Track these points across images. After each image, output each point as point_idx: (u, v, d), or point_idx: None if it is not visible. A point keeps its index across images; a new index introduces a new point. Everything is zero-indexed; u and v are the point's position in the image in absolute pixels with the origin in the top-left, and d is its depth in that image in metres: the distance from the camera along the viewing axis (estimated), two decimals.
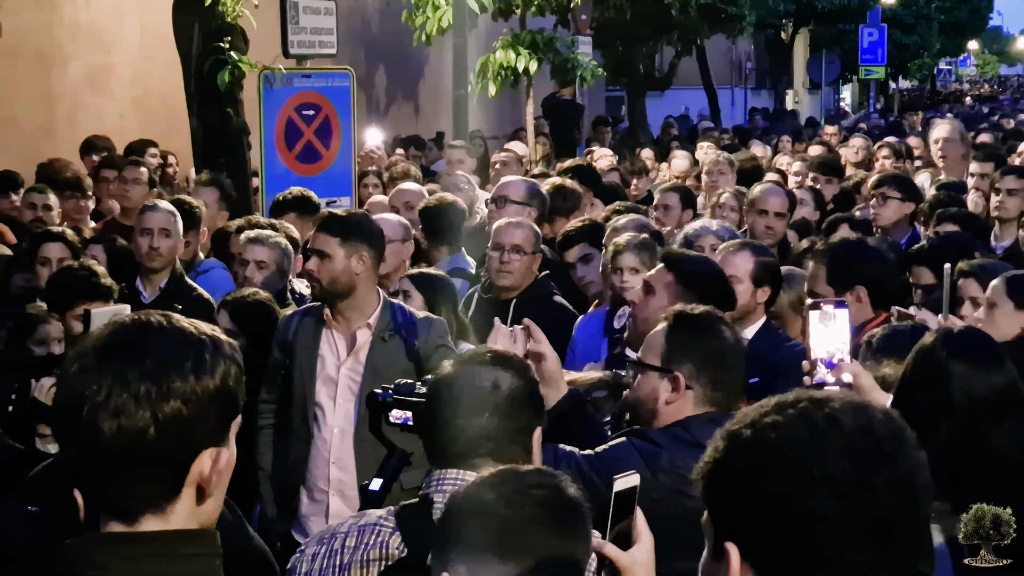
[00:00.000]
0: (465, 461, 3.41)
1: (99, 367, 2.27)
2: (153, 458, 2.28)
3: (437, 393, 3.53)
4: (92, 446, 2.25)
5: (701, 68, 33.37)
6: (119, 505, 2.31)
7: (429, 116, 22.49)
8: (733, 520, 2.15)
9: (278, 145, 10.66)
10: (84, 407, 2.24)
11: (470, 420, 3.44)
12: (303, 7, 11.17)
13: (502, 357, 3.63)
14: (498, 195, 8.48)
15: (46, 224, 9.10)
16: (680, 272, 5.30)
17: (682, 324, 4.34)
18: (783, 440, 2.12)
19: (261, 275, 7.15)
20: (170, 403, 2.27)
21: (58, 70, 14.29)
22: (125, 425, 2.25)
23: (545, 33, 18.15)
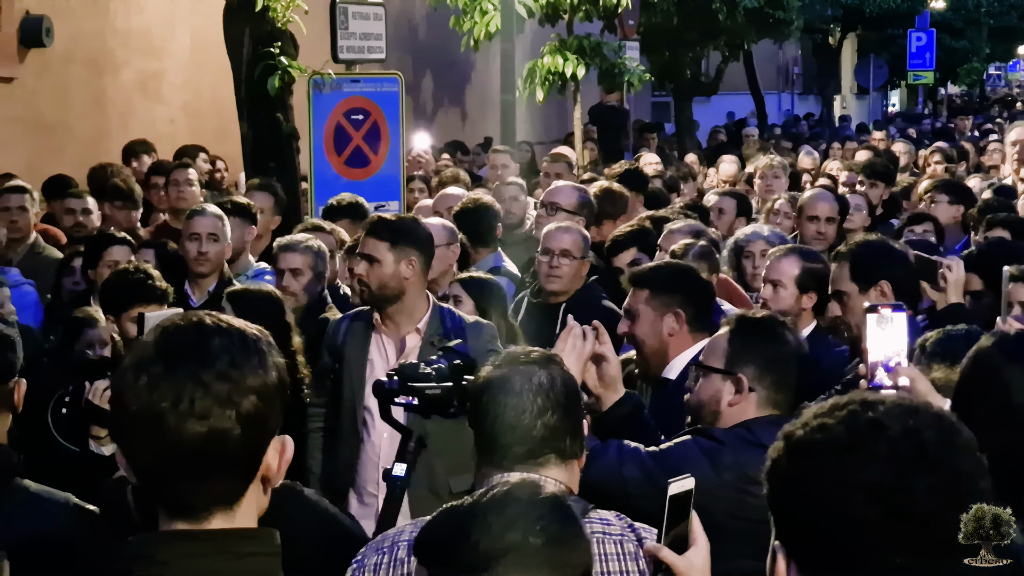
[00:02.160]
0: (533, 461, 3.43)
1: (172, 373, 2.28)
2: (235, 456, 2.32)
3: (494, 394, 3.51)
4: (175, 450, 2.27)
5: (748, 73, 33.21)
6: (191, 504, 2.33)
7: (476, 121, 22.51)
8: (783, 520, 2.16)
9: (327, 150, 10.71)
10: (165, 414, 2.26)
11: (537, 419, 3.45)
12: (352, 13, 11.22)
13: (546, 355, 3.65)
14: (548, 201, 8.48)
15: (87, 229, 9.17)
16: (652, 284, 5.39)
17: (745, 328, 4.40)
18: (827, 443, 2.12)
19: (299, 282, 7.14)
20: (248, 400, 2.30)
21: (110, 76, 14.39)
22: (213, 427, 2.28)
23: (592, 38, 18.14)
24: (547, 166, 12.00)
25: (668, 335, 5.29)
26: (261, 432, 2.35)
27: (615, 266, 7.58)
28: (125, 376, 2.32)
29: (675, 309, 5.29)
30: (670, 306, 5.30)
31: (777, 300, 6.18)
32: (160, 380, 2.28)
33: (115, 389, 2.33)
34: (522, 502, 2.64)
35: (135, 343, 2.43)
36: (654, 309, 5.32)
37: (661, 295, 5.34)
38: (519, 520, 2.59)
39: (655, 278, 5.46)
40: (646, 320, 5.33)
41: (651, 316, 5.32)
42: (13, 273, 8.15)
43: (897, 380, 3.90)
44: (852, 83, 49.79)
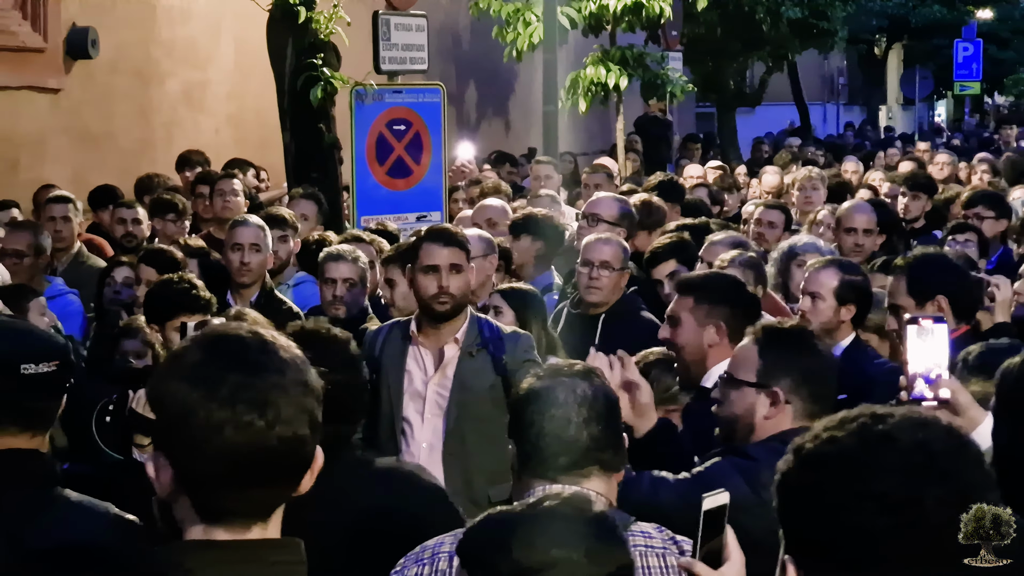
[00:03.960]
0: (576, 472, 3.43)
1: (252, 382, 2.30)
2: (303, 462, 2.37)
3: (538, 405, 3.52)
4: (250, 457, 2.29)
5: (792, 84, 33.14)
6: (238, 512, 2.35)
7: (519, 132, 22.51)
8: (793, 533, 2.17)
9: (369, 160, 10.75)
10: (253, 422, 2.28)
11: (580, 430, 3.46)
12: (395, 24, 11.27)
13: (588, 367, 3.66)
14: (589, 212, 8.48)
15: (137, 238, 9.26)
16: (698, 293, 5.36)
17: (776, 339, 4.34)
18: (837, 454, 2.13)
19: (351, 293, 7.16)
20: (314, 405, 2.36)
21: (155, 86, 14.49)
22: (296, 433, 2.32)
23: (635, 49, 18.12)
24: (587, 177, 12.00)
25: (708, 345, 5.27)
26: (316, 437, 2.39)
27: (654, 278, 7.58)
28: (190, 387, 2.31)
29: (718, 321, 5.26)
30: (714, 317, 5.27)
31: (815, 312, 6.15)
32: (241, 390, 2.30)
33: (177, 400, 2.32)
34: (568, 519, 2.65)
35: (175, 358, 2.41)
36: (697, 318, 5.30)
37: (706, 304, 5.31)
38: (563, 537, 2.60)
39: (702, 287, 5.43)
40: (688, 328, 5.30)
41: (693, 324, 5.29)
42: (57, 283, 8.23)
43: (938, 392, 3.87)
44: (898, 94, 49.49)
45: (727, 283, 5.58)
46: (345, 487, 3.76)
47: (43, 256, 8.26)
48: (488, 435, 5.84)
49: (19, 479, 3.45)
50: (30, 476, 3.48)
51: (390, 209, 10.74)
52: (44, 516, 3.44)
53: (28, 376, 3.42)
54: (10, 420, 3.45)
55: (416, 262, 6.04)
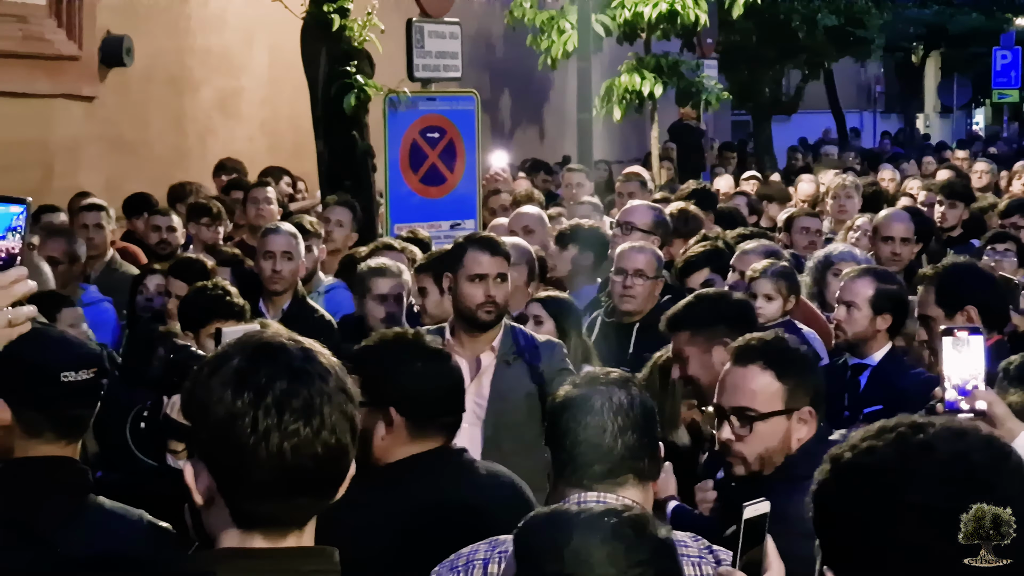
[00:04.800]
0: (612, 480, 3.42)
1: (296, 390, 2.30)
2: (344, 469, 2.37)
3: (574, 413, 3.52)
4: (295, 465, 2.29)
5: (829, 92, 33.04)
6: (279, 520, 2.35)
7: (554, 140, 22.52)
8: (831, 544, 2.14)
9: (403, 168, 10.75)
10: (293, 431, 2.28)
11: (616, 438, 3.45)
12: (428, 31, 11.27)
13: (624, 376, 3.65)
14: (623, 220, 8.45)
15: (171, 245, 9.28)
16: (693, 322, 5.34)
17: (789, 359, 4.22)
18: (876, 465, 2.11)
19: (394, 308, 7.10)
20: (355, 412, 2.37)
21: (189, 94, 14.54)
22: (340, 441, 2.32)
23: (670, 57, 18.11)
24: (620, 185, 11.98)
25: (719, 365, 5.22)
26: (355, 449, 2.39)
27: (688, 286, 7.54)
28: (235, 393, 2.30)
29: (721, 340, 5.21)
30: (715, 338, 5.21)
31: (851, 322, 6.11)
32: (287, 397, 2.29)
33: (221, 406, 2.31)
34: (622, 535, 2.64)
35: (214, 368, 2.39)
36: (699, 347, 5.27)
37: (703, 331, 5.29)
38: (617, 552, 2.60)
39: (690, 317, 5.41)
40: (695, 360, 5.27)
41: (698, 354, 5.26)
42: (92, 290, 8.25)
43: (974, 404, 3.83)
44: (935, 102, 49.39)
45: (711, 302, 5.56)
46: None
47: (78, 264, 8.28)
48: (525, 443, 5.83)
49: (54, 486, 3.48)
50: (64, 483, 3.51)
51: (424, 217, 10.73)
52: (78, 523, 3.46)
53: (67, 384, 3.45)
54: (48, 427, 3.47)
55: (460, 270, 6.00)
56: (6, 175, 11.53)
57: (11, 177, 11.62)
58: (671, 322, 5.49)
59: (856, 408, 5.85)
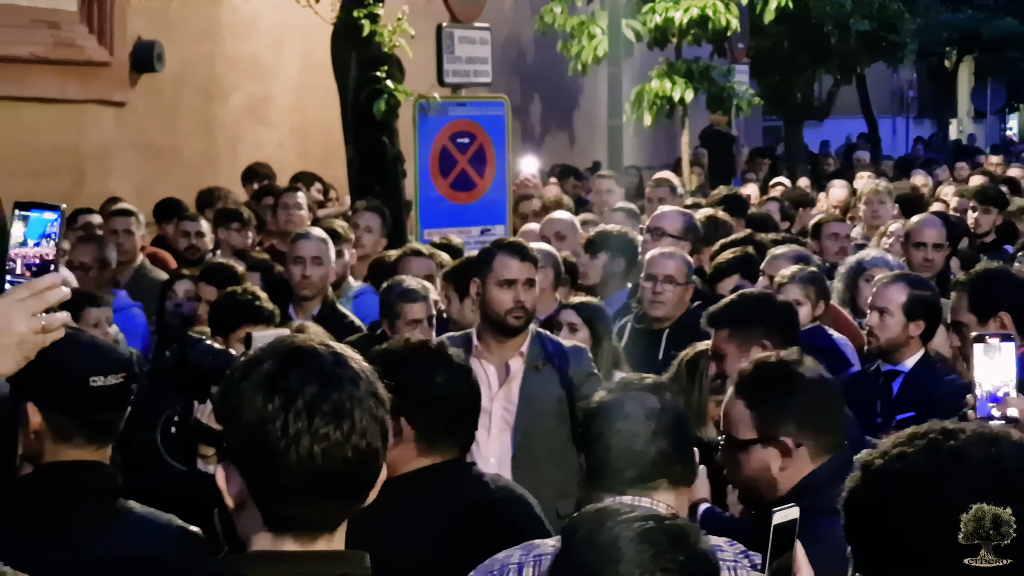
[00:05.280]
0: (644, 485, 3.41)
1: (327, 394, 2.31)
2: (378, 472, 2.38)
3: (607, 418, 3.52)
4: (326, 469, 2.30)
5: (861, 97, 32.90)
6: (311, 523, 2.36)
7: (584, 145, 22.51)
8: (862, 551, 2.13)
9: (432, 173, 10.76)
10: (324, 434, 2.29)
11: (649, 444, 3.45)
12: (459, 37, 11.29)
13: (658, 381, 3.64)
14: (653, 226, 8.44)
15: (200, 251, 9.30)
16: (733, 321, 5.31)
17: (760, 386, 3.95)
18: (907, 471, 2.10)
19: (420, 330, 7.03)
20: (385, 416, 2.37)
21: (219, 100, 14.58)
22: (370, 445, 2.33)
23: (701, 62, 18.09)
24: (650, 191, 11.97)
25: None
26: (386, 453, 2.40)
27: (718, 293, 7.52)
28: (266, 398, 2.31)
29: (760, 340, 5.20)
30: (754, 339, 5.22)
31: (883, 328, 6.08)
32: (318, 401, 2.30)
33: (252, 410, 2.32)
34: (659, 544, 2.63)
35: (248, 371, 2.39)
36: (738, 345, 5.24)
37: (742, 330, 5.27)
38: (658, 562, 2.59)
39: (731, 315, 5.39)
40: (732, 358, 5.21)
41: (736, 353, 5.22)
42: (121, 296, 8.27)
43: (1005, 411, 3.81)
44: (969, 107, 49.16)
45: (753, 302, 5.55)
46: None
47: (108, 269, 8.31)
48: (554, 449, 5.83)
49: (83, 490, 3.49)
50: (94, 488, 3.52)
51: (454, 222, 10.74)
52: (108, 527, 3.48)
53: (97, 388, 3.46)
54: (78, 432, 3.49)
55: (489, 275, 5.98)
56: (38, 181, 11.59)
57: (43, 183, 11.68)
58: (712, 318, 5.48)
59: (888, 415, 5.83)
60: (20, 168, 10.91)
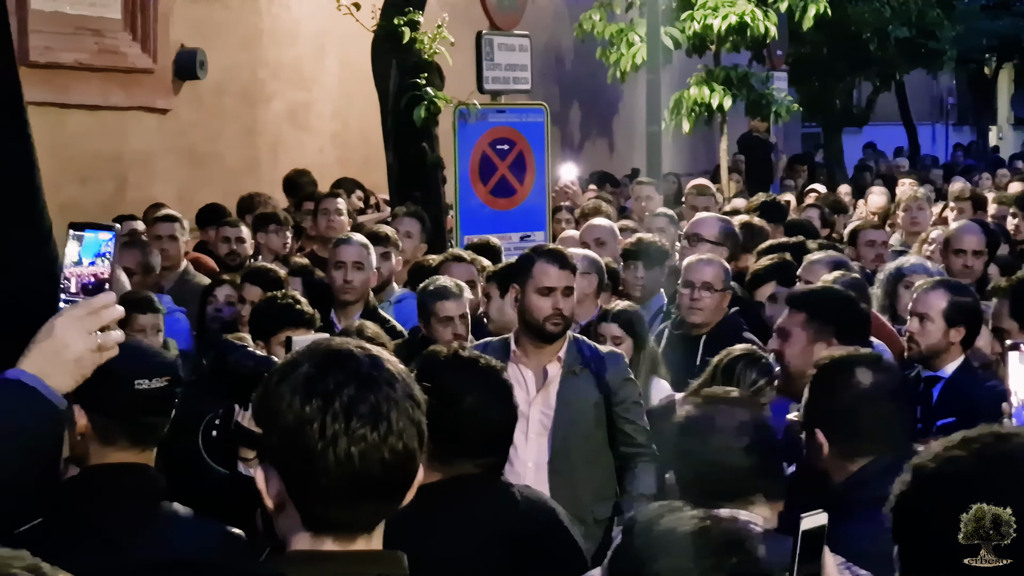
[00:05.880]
0: (741, 499, 3.40)
1: (365, 395, 2.34)
2: (414, 473, 2.40)
3: (698, 432, 3.52)
4: (363, 470, 2.32)
5: (900, 104, 32.76)
6: (349, 524, 2.38)
7: (623, 152, 22.50)
8: (910, 552, 2.14)
9: (472, 179, 10.78)
10: (361, 436, 2.31)
11: (743, 458, 3.44)
12: (498, 44, 11.31)
13: (746, 395, 3.64)
14: (691, 232, 8.45)
15: (241, 256, 9.34)
16: (810, 309, 5.27)
17: (818, 376, 4.11)
18: (957, 475, 2.10)
19: (465, 327, 7.04)
20: (422, 418, 2.39)
21: (261, 107, 14.66)
22: (407, 447, 2.35)
23: (740, 69, 18.05)
24: (691, 199, 11.95)
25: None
26: (423, 454, 2.42)
27: (756, 299, 7.53)
28: (304, 400, 2.33)
29: (829, 338, 5.18)
30: (825, 334, 5.19)
31: (924, 334, 6.07)
32: (355, 403, 2.32)
33: (291, 413, 2.34)
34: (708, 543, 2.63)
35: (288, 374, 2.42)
36: (808, 334, 5.21)
37: (817, 321, 5.23)
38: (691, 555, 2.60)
39: (814, 302, 5.36)
40: (798, 343, 5.21)
41: (803, 340, 5.20)
42: (165, 301, 8.32)
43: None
44: (1008, 114, 48.83)
45: (840, 299, 5.51)
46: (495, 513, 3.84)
47: (151, 274, 8.37)
48: (591, 453, 5.86)
49: (128, 493, 3.52)
50: (139, 490, 3.55)
51: (493, 228, 10.75)
52: (151, 529, 3.49)
53: (141, 391, 3.48)
54: (122, 435, 3.51)
55: (528, 282, 6.02)
56: (82, 187, 11.70)
57: (87, 189, 11.80)
58: (793, 298, 5.46)
59: (929, 421, 5.80)
60: (65, 175, 11.00)
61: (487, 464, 3.94)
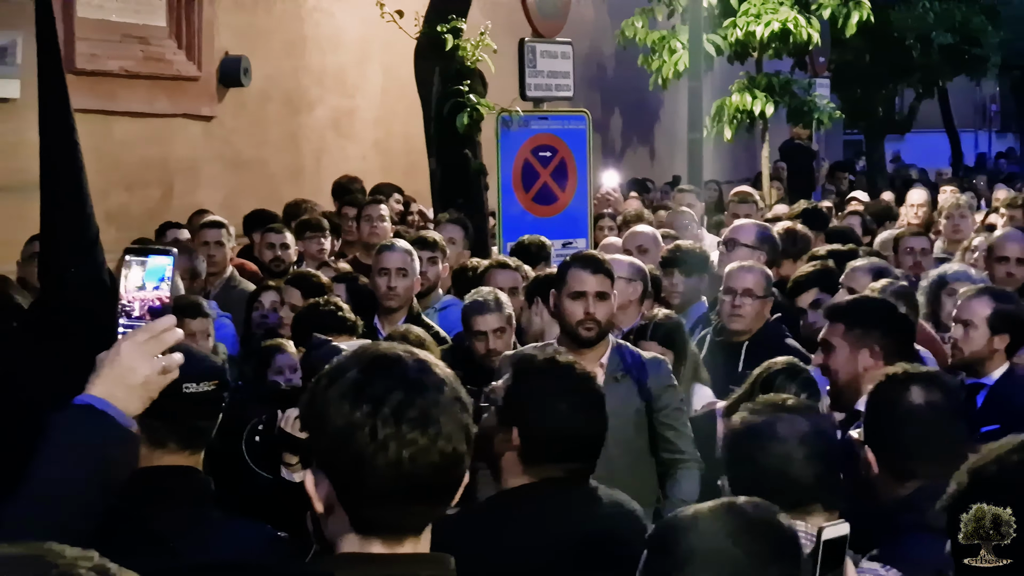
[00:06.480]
0: (801, 509, 3.35)
1: (414, 400, 2.36)
2: (459, 478, 2.42)
3: (758, 441, 3.49)
4: (413, 473, 2.34)
5: (943, 111, 32.61)
6: (397, 527, 2.40)
7: (664, 159, 22.49)
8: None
9: (515, 186, 10.81)
10: (411, 440, 2.34)
11: (804, 468, 3.41)
12: (540, 51, 11.35)
13: (805, 403, 3.65)
14: (729, 238, 8.45)
15: (285, 263, 9.37)
16: (849, 318, 5.28)
17: (873, 393, 4.08)
18: (1013, 478, 2.11)
19: (503, 340, 7.07)
20: (470, 421, 2.42)
21: (304, 114, 14.73)
22: (456, 450, 2.38)
23: (782, 76, 18.01)
24: (733, 206, 11.94)
25: (863, 369, 5.17)
26: (471, 457, 2.44)
27: (797, 306, 7.52)
28: (353, 405, 2.36)
29: (872, 345, 5.19)
30: (866, 341, 5.19)
31: (968, 341, 6.06)
32: (404, 407, 2.35)
33: (340, 418, 2.36)
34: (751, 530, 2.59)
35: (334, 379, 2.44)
36: (850, 343, 5.21)
37: (857, 329, 5.23)
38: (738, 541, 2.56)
39: (853, 312, 5.36)
40: (841, 354, 5.22)
41: (847, 350, 5.21)
42: (211, 306, 8.38)
43: None
44: None
45: (878, 306, 5.51)
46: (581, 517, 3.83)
47: (198, 280, 8.42)
48: (633, 459, 5.87)
49: (178, 495, 3.54)
50: (188, 493, 3.57)
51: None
52: (200, 531, 3.50)
53: (189, 395, 3.50)
54: (171, 438, 3.54)
55: (563, 287, 6.07)
56: (128, 193, 11.79)
57: (133, 195, 11.89)
58: (831, 311, 5.47)
59: (972, 428, 5.79)
60: (111, 181, 11.08)
61: (574, 469, 3.96)
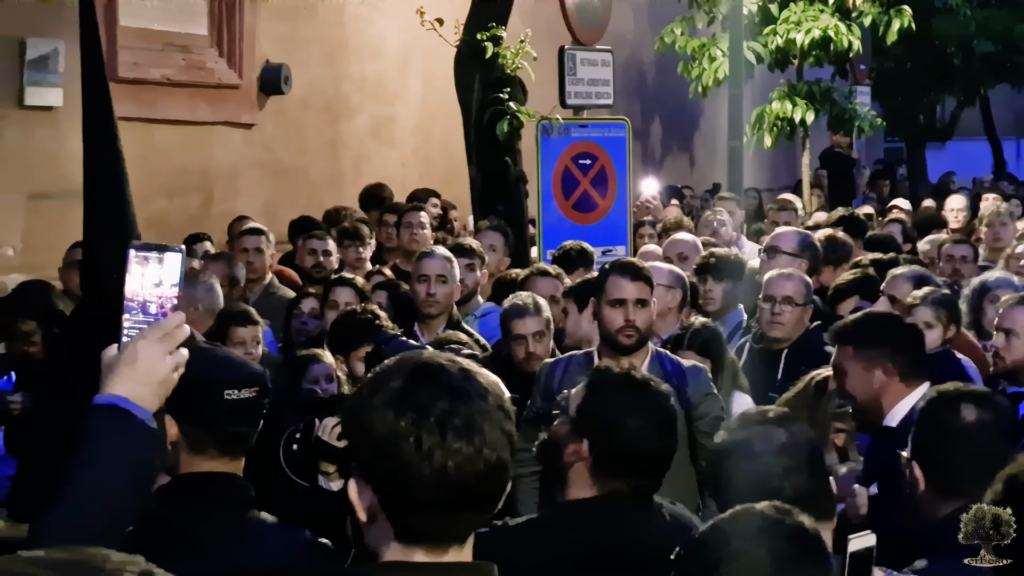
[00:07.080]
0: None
1: (457, 408, 2.35)
2: (506, 484, 2.42)
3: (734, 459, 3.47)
4: (458, 482, 2.33)
5: (985, 119, 32.40)
6: (441, 535, 2.40)
7: (704, 167, 22.45)
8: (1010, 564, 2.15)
9: (555, 194, 10.81)
10: (456, 449, 2.33)
11: (782, 481, 3.38)
12: (580, 59, 11.35)
13: (782, 413, 3.61)
14: (770, 245, 8.43)
15: (326, 270, 9.38)
16: (858, 340, 5.26)
17: (923, 410, 4.06)
18: None
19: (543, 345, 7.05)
20: (513, 429, 2.41)
21: (345, 121, 14.78)
22: (500, 458, 2.37)
23: (823, 83, 17.95)
24: (772, 214, 11.91)
25: (879, 387, 5.17)
26: (513, 464, 2.43)
27: (838, 314, 7.48)
28: (398, 414, 2.35)
29: (883, 362, 5.17)
30: (877, 359, 5.17)
31: (1010, 349, 6.04)
32: (449, 416, 2.34)
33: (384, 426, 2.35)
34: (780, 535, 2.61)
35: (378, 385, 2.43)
36: (861, 364, 5.20)
37: (866, 349, 5.22)
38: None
39: (858, 333, 5.34)
40: (855, 375, 5.21)
41: (859, 371, 5.20)
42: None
43: None
44: None
45: (881, 323, 5.50)
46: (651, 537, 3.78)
47: (237, 287, 8.43)
48: (674, 467, 5.78)
49: (217, 501, 3.56)
50: (227, 498, 3.58)
51: None
52: (240, 537, 3.52)
53: (230, 401, 3.52)
54: (211, 444, 3.55)
55: (603, 295, 6.07)
56: (169, 200, 11.86)
57: (174, 202, 11.96)
58: (837, 334, 5.46)
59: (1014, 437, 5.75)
60: (152, 188, 11.14)
61: (641, 485, 3.95)
